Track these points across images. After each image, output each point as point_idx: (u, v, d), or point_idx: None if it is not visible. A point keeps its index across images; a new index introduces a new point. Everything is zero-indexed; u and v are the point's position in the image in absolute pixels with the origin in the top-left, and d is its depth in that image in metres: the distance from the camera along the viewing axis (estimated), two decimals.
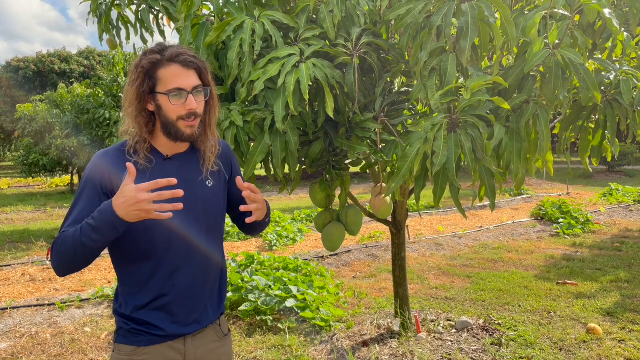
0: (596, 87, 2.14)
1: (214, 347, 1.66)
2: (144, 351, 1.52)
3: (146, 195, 1.29)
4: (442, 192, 2.14)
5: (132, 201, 1.29)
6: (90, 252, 1.37)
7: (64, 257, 1.38)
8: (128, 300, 1.54)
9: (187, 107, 1.47)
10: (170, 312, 1.54)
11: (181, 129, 1.50)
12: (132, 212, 1.30)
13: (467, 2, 2.12)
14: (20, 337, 4.22)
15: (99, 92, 12.98)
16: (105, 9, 3.52)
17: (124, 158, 1.51)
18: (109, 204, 1.33)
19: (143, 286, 1.53)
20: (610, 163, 18.42)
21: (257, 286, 4.71)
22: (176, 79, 1.46)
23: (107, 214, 1.32)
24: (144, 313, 1.52)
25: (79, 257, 1.37)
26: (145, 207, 1.30)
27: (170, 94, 1.46)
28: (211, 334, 1.65)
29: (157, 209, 1.31)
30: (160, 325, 1.52)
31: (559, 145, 2.90)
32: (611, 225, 8.84)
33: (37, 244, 8.23)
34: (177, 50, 1.48)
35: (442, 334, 3.95)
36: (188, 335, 1.58)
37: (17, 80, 29.30)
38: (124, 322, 1.54)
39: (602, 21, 2.50)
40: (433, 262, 6.64)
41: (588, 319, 4.32)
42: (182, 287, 1.55)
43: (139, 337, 1.52)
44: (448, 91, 2.12)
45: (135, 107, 1.49)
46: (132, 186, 1.30)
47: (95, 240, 1.34)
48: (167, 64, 1.47)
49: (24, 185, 20.62)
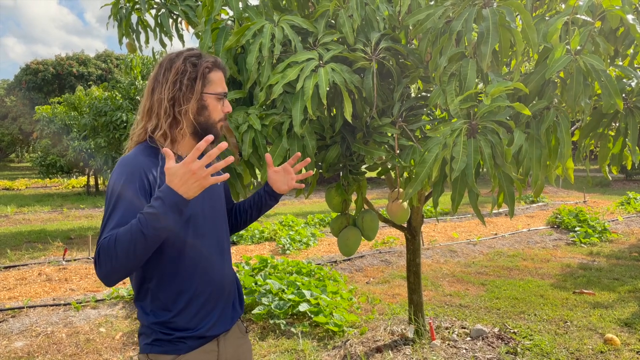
0: (618, 94, 2.11)
1: (239, 343, 1.70)
2: (183, 359, 1.51)
3: (198, 163, 1.29)
4: (460, 198, 2.12)
5: (187, 175, 1.29)
6: (151, 245, 1.32)
7: (120, 257, 1.30)
8: (164, 309, 1.52)
9: (225, 109, 1.64)
10: (206, 313, 1.56)
11: (218, 129, 1.62)
12: (192, 185, 1.30)
13: (487, 7, 2.10)
14: (36, 336, 4.27)
15: (116, 95, 13.13)
16: (126, 13, 3.57)
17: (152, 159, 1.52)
18: (165, 189, 1.31)
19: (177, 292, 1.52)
20: (628, 171, 18.15)
21: (271, 290, 4.71)
22: (222, 84, 1.63)
23: (169, 197, 1.30)
24: (182, 318, 1.52)
25: (138, 253, 1.31)
26: (202, 174, 1.30)
27: (218, 95, 1.61)
28: (236, 331, 1.70)
29: (211, 172, 1.31)
30: (198, 327, 1.54)
31: (578, 153, 2.87)
32: (629, 234, 8.70)
33: (54, 244, 8.33)
34: (216, 58, 1.65)
35: (456, 341, 3.91)
36: (221, 335, 1.61)
37: (35, 83, 29.80)
38: (162, 333, 1.51)
39: (625, 27, 2.47)
40: (447, 268, 6.59)
41: (605, 329, 4.25)
42: (215, 287, 1.59)
43: (179, 344, 1.51)
44: (467, 96, 2.10)
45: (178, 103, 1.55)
46: (179, 164, 1.30)
47: (159, 228, 1.30)
48: (215, 69, 1.61)
49: (41, 186, 20.91)
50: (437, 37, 2.29)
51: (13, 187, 20.07)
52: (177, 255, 1.51)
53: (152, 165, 1.50)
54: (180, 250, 1.51)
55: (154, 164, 1.50)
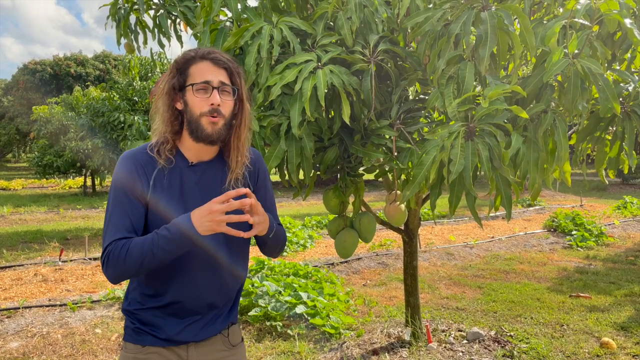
0: (615, 98, 2.12)
1: (221, 356, 1.62)
2: (148, 350, 1.53)
3: (219, 207, 1.34)
4: (458, 200, 2.12)
5: (205, 212, 1.35)
6: (158, 263, 1.39)
7: (128, 267, 1.38)
8: (138, 301, 1.55)
9: (210, 101, 1.46)
10: (177, 317, 1.54)
11: (203, 125, 1.47)
12: (205, 223, 1.35)
13: (486, 10, 2.11)
14: (31, 336, 4.25)
15: (114, 96, 13.12)
16: (124, 14, 3.57)
17: (150, 158, 1.50)
18: (187, 217, 1.37)
19: (157, 290, 1.53)
20: (624, 175, 18.21)
21: (267, 292, 4.70)
22: (204, 74, 1.48)
23: (185, 226, 1.36)
24: (150, 314, 1.53)
25: (144, 267, 1.39)
26: (217, 219, 1.34)
27: (195, 87, 1.47)
28: (218, 344, 1.62)
29: (225, 220, 1.35)
30: (163, 328, 1.52)
31: (575, 157, 2.87)
32: (625, 238, 8.72)
33: (50, 245, 8.30)
34: (211, 49, 1.52)
35: (453, 344, 3.91)
36: (191, 343, 1.56)
37: (33, 83, 29.74)
38: (130, 321, 1.56)
39: (622, 32, 2.48)
40: (444, 271, 6.60)
41: (601, 333, 4.25)
42: (194, 296, 1.53)
43: (142, 336, 1.54)
44: (465, 99, 2.11)
45: (164, 102, 1.51)
46: (209, 202, 1.36)
47: (168, 251, 1.37)
48: (199, 60, 1.49)
49: (37, 187, 20.85)
50: (436, 39, 2.30)
51: (9, 187, 20.01)
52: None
53: (148, 167, 1.49)
54: None
55: (150, 165, 1.49)
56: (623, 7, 2.20)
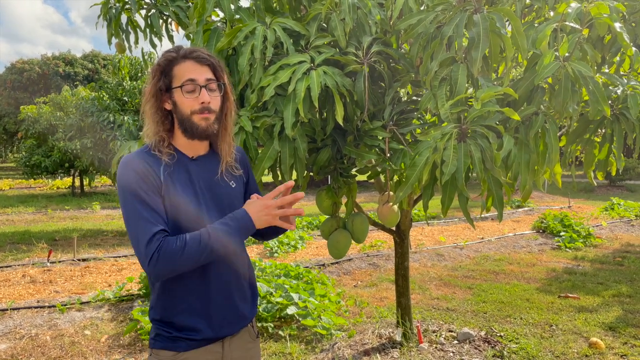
0: (605, 101, 2.15)
1: (248, 347, 1.67)
2: (183, 356, 1.53)
3: (273, 202, 1.46)
4: (450, 201, 2.14)
5: (262, 207, 1.46)
6: (213, 258, 1.44)
7: (185, 262, 1.40)
8: (166, 307, 1.54)
9: (199, 100, 1.49)
10: (207, 315, 1.55)
11: (195, 122, 1.51)
12: (262, 217, 1.46)
13: (478, 13, 2.13)
14: (20, 338, 4.21)
15: (103, 96, 13.01)
16: (115, 13, 3.54)
17: (152, 157, 1.51)
18: (242, 212, 1.46)
19: (180, 291, 1.53)
20: (612, 177, 18.40)
21: (259, 293, 4.70)
22: (189, 73, 1.50)
23: (244, 219, 1.45)
24: (182, 318, 1.53)
25: (200, 261, 1.43)
26: (272, 213, 1.46)
27: (183, 87, 1.49)
28: (246, 336, 1.67)
29: (280, 214, 1.46)
30: (200, 329, 1.53)
31: (565, 159, 2.90)
32: (613, 239, 8.82)
33: (38, 246, 8.22)
34: (192, 48, 1.54)
35: (443, 344, 3.94)
36: (226, 338, 1.59)
37: (21, 82, 29.43)
38: (163, 330, 1.54)
39: (612, 35, 2.51)
40: (434, 272, 6.63)
41: (590, 333, 4.30)
42: (217, 290, 1.56)
43: (178, 342, 1.53)
44: (458, 101, 2.13)
45: (152, 105, 1.53)
46: (261, 198, 1.49)
47: (226, 245, 1.43)
48: (181, 61, 1.51)
49: (25, 187, 20.63)
50: (428, 41, 2.31)
51: None
52: None
53: (154, 165, 1.49)
54: None
55: (156, 163, 1.50)
56: (613, 10, 2.23)
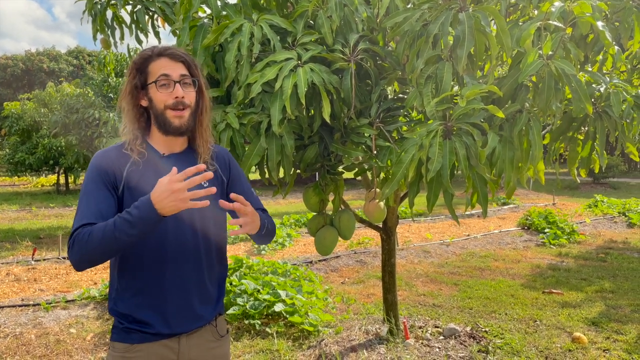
0: (588, 99, 2.18)
1: (210, 347, 1.66)
2: (136, 348, 1.54)
3: (180, 185, 1.32)
4: (436, 198, 2.16)
5: (167, 192, 1.32)
6: (121, 247, 1.38)
7: (92, 251, 1.38)
8: (122, 299, 1.56)
9: (173, 95, 1.53)
10: (162, 311, 1.55)
11: (169, 118, 1.54)
12: (169, 204, 1.33)
13: (463, 11, 2.15)
14: (4, 337, 4.16)
15: (88, 92, 12.88)
16: (101, 9, 3.51)
17: (123, 154, 1.55)
18: (147, 199, 1.35)
19: (136, 285, 1.55)
20: (595, 175, 18.65)
21: (246, 290, 4.70)
22: (163, 69, 1.54)
23: (146, 208, 1.34)
24: (136, 311, 1.54)
25: (108, 251, 1.39)
26: (180, 197, 1.33)
27: (157, 82, 1.53)
28: (207, 334, 1.66)
29: (191, 197, 1.34)
30: (152, 324, 1.54)
31: (548, 156, 2.94)
32: (596, 236, 8.95)
33: (22, 244, 8.12)
34: (166, 46, 1.58)
35: (429, 340, 3.97)
36: (182, 335, 1.59)
37: (4, 78, 29.02)
38: (118, 321, 1.57)
39: (595, 34, 2.55)
40: (421, 269, 6.67)
41: (573, 328, 4.37)
42: (174, 287, 1.56)
43: (131, 334, 1.55)
44: (443, 99, 2.15)
45: (128, 102, 1.57)
46: (165, 178, 1.34)
47: (131, 234, 1.35)
48: (156, 58, 1.56)
49: (9, 184, 20.36)
50: (415, 39, 2.33)
51: None
52: (132, 252, 1.53)
53: (121, 161, 1.53)
54: (137, 247, 1.52)
55: (123, 159, 1.54)
56: (595, 10, 2.26)
